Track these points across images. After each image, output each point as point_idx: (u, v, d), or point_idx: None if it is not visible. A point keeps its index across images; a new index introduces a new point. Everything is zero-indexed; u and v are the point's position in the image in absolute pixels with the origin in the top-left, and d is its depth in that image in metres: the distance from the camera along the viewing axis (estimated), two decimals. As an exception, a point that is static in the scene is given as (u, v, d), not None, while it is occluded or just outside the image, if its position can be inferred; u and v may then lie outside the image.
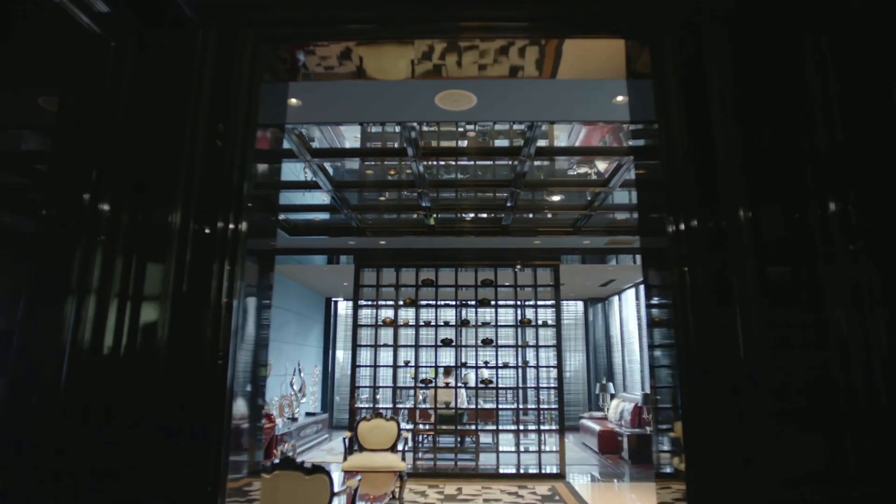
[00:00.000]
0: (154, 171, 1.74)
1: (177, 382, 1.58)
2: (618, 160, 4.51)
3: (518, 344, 7.00)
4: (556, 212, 5.92)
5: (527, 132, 3.75)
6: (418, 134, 3.96)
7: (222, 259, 1.72)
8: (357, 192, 5.37)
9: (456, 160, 4.62)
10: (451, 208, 5.85)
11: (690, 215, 1.66)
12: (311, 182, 4.91)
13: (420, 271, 7.17)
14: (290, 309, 9.49)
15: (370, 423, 5.73)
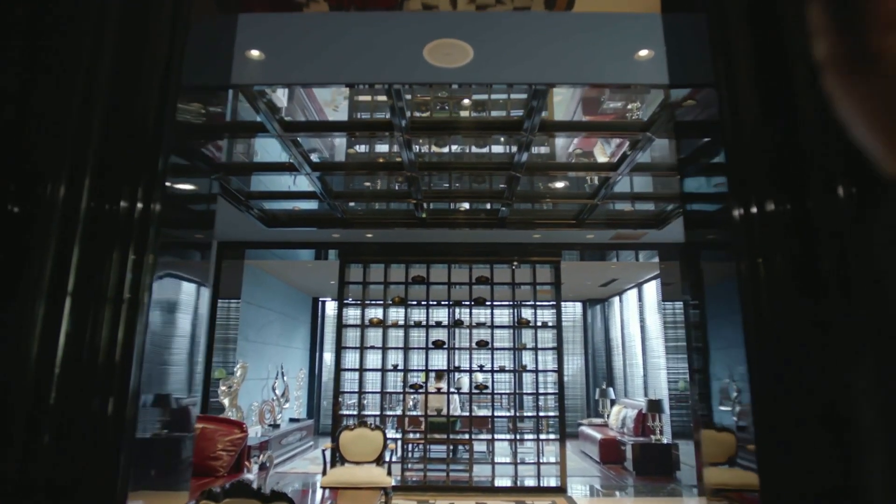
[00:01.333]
0: (36, 130, 1.32)
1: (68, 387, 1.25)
2: (626, 140, 4.02)
3: (515, 346, 6.49)
4: (558, 201, 5.43)
5: (530, 101, 3.25)
6: (406, 104, 3.45)
7: (125, 246, 1.36)
8: (341, 175, 4.85)
9: (449, 138, 4.11)
10: (444, 196, 5.35)
11: (764, 197, 1.26)
12: (287, 164, 4.39)
13: (410, 267, 6.65)
14: (272, 308, 8.95)
15: (353, 432, 5.20)
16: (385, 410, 6.61)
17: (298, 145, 3.81)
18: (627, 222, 5.88)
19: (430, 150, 4.31)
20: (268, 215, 5.86)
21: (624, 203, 5.72)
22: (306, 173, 4.40)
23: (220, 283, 6.53)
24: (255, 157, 4.81)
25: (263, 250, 6.84)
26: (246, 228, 6.10)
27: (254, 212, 5.40)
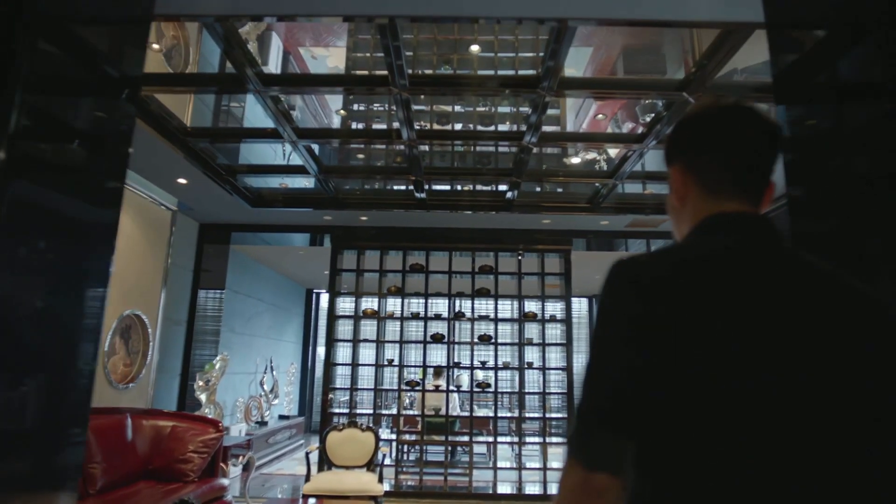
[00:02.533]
0: None
1: None
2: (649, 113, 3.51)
3: (520, 342, 5.98)
4: (571, 180, 4.91)
5: (550, 45, 2.73)
6: (406, 61, 2.94)
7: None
8: (332, 147, 4.34)
9: (453, 98, 3.59)
10: (447, 173, 4.84)
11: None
12: (269, 130, 3.88)
13: (408, 255, 6.14)
14: (261, 299, 8.44)
15: (342, 433, 4.70)
16: (379, 409, 6.11)
17: (279, 102, 3.29)
18: (646, 207, 5.37)
19: (433, 111, 3.79)
20: (253, 193, 5.35)
21: (644, 184, 5.21)
22: (291, 141, 3.89)
23: (200, 268, 6.01)
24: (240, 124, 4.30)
25: (250, 234, 6.33)
26: (230, 209, 5.59)
27: (233, 186, 4.89)
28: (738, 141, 0.82)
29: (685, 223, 0.86)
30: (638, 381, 0.71)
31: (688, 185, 0.85)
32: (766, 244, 0.79)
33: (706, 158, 0.84)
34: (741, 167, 0.82)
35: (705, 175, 0.83)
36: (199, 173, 4.54)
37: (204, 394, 4.98)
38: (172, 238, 5.41)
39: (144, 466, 4.02)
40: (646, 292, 0.74)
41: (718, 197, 0.82)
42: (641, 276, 0.76)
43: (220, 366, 5.12)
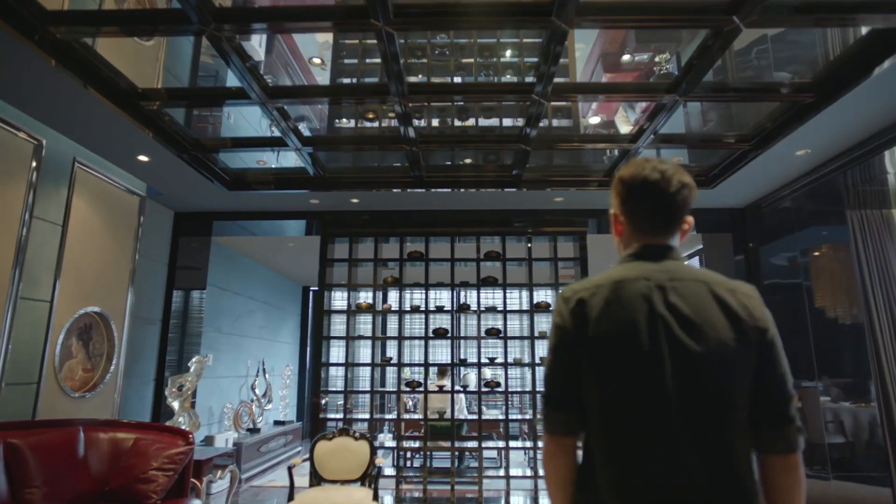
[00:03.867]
0: None
1: None
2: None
3: (533, 335, 5.38)
4: (587, 146, 4.30)
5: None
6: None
7: None
8: (308, 109, 3.75)
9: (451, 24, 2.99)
10: (446, 140, 4.24)
11: None
12: (234, 90, 3.30)
13: (406, 242, 5.54)
14: (253, 297, 7.87)
15: (332, 442, 4.11)
16: (376, 413, 5.52)
17: (232, 40, 2.70)
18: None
19: (429, 63, 3.20)
20: (229, 174, 4.76)
21: (658, 151, 4.59)
22: (260, 102, 3.30)
23: (176, 262, 5.43)
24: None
25: (233, 223, 5.75)
26: (207, 194, 5.01)
27: (202, 164, 4.30)
28: (651, 196, 1.19)
29: (621, 251, 1.29)
30: (566, 374, 1.15)
31: (623, 224, 1.27)
32: (664, 266, 1.17)
33: (632, 206, 1.23)
34: (654, 214, 1.21)
35: (632, 217, 1.24)
36: (161, 149, 3.96)
37: (177, 401, 4.40)
38: (142, 227, 4.83)
39: (99, 488, 3.44)
40: (571, 309, 1.17)
41: (640, 232, 1.23)
42: (569, 297, 1.19)
43: (195, 369, 4.54)
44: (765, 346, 1.10)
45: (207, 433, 6.17)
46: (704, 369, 1.05)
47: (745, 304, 1.11)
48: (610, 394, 1.09)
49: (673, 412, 1.04)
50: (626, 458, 1.07)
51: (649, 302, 1.10)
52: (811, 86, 3.22)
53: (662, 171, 1.18)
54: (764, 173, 4.46)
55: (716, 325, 1.07)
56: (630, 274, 1.16)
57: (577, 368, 1.13)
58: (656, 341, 1.07)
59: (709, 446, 1.03)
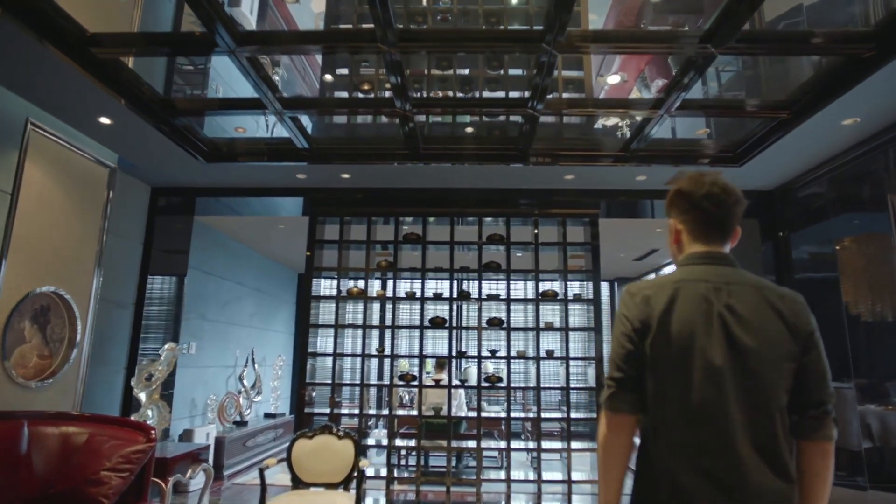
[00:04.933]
0: None
1: None
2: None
3: (538, 326, 4.93)
4: (602, 110, 3.82)
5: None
6: None
7: None
8: (280, 55, 3.31)
9: None
10: (443, 104, 3.78)
11: None
12: (197, 35, 2.85)
13: (401, 223, 5.10)
14: (243, 283, 7.45)
15: (312, 441, 3.69)
16: (372, 408, 5.09)
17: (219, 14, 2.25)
18: (696, 153, 4.28)
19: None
20: (208, 144, 4.33)
21: (696, 122, 4.13)
22: (228, 51, 2.85)
23: (153, 241, 5.01)
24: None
25: (214, 201, 5.31)
26: (186, 167, 4.58)
27: (174, 129, 3.86)
28: (711, 208, 1.34)
29: (678, 257, 1.43)
30: (633, 360, 1.29)
31: (681, 233, 1.42)
32: (721, 271, 1.31)
33: (691, 217, 1.38)
34: (712, 224, 1.36)
35: (691, 227, 1.39)
36: (125, 111, 3.52)
37: (144, 392, 3.98)
38: (111, 202, 4.41)
39: (43, 491, 3.03)
40: (637, 304, 1.32)
41: (698, 241, 1.38)
42: (635, 293, 1.34)
43: (167, 357, 4.13)
44: (810, 347, 1.25)
45: (189, 426, 5.78)
46: (758, 364, 1.20)
47: (793, 310, 1.26)
48: (672, 382, 1.25)
49: (727, 399, 1.19)
50: (682, 437, 1.22)
51: (709, 302, 1.26)
52: (873, 35, 2.74)
53: (722, 186, 1.35)
54: (800, 148, 3.97)
55: (768, 326, 1.23)
56: (690, 276, 1.32)
57: (642, 356, 1.29)
58: (716, 336, 1.23)
59: (755, 424, 1.19)
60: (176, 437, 5.44)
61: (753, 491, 1.17)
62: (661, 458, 1.24)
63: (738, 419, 1.19)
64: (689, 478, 1.19)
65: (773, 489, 1.18)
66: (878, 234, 4.06)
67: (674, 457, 1.22)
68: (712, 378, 1.21)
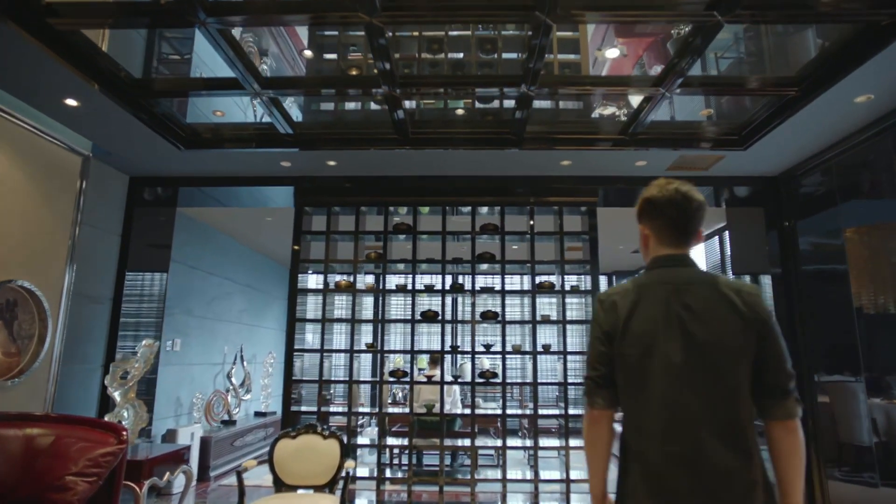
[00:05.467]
0: None
1: None
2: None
3: (535, 319, 4.73)
4: (600, 88, 3.61)
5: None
6: None
7: None
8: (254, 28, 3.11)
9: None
10: (432, 83, 3.57)
11: None
12: (163, 5, 2.63)
13: (391, 212, 4.89)
14: (231, 278, 7.24)
15: (295, 441, 3.49)
16: (357, 406, 4.90)
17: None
18: (698, 136, 4.08)
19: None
20: (186, 129, 4.11)
21: (698, 101, 3.93)
22: (200, 22, 2.64)
23: (131, 233, 4.79)
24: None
25: (196, 191, 5.09)
26: (164, 155, 4.37)
27: (148, 113, 3.64)
28: (674, 213, 1.46)
29: (646, 260, 1.54)
30: (604, 360, 1.45)
31: (648, 237, 1.53)
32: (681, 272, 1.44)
33: (657, 223, 1.49)
34: (675, 229, 1.47)
35: (657, 232, 1.50)
36: (93, 92, 3.30)
37: (119, 391, 3.77)
38: (84, 192, 4.20)
39: (1, 499, 2.83)
40: (606, 310, 1.47)
41: (663, 244, 1.49)
42: (604, 300, 1.49)
43: (143, 353, 3.92)
44: (765, 334, 1.35)
45: (175, 426, 5.58)
46: (714, 355, 1.34)
47: (747, 301, 1.37)
48: (637, 374, 1.39)
49: (687, 391, 1.33)
50: (648, 426, 1.36)
51: (668, 303, 1.39)
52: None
53: (683, 193, 1.45)
54: (809, 129, 3.77)
55: (723, 319, 1.36)
56: (652, 280, 1.45)
57: (612, 356, 1.44)
58: (674, 334, 1.36)
59: (715, 412, 1.31)
60: (159, 438, 5.23)
61: (717, 472, 1.28)
62: (633, 445, 1.39)
63: (697, 409, 1.31)
64: (658, 461, 1.32)
65: (735, 470, 1.28)
66: (883, 224, 3.89)
67: (643, 443, 1.35)
68: (672, 373, 1.34)
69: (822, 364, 4.28)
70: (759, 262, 4.90)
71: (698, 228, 1.49)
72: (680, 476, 1.29)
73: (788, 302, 4.57)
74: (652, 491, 1.32)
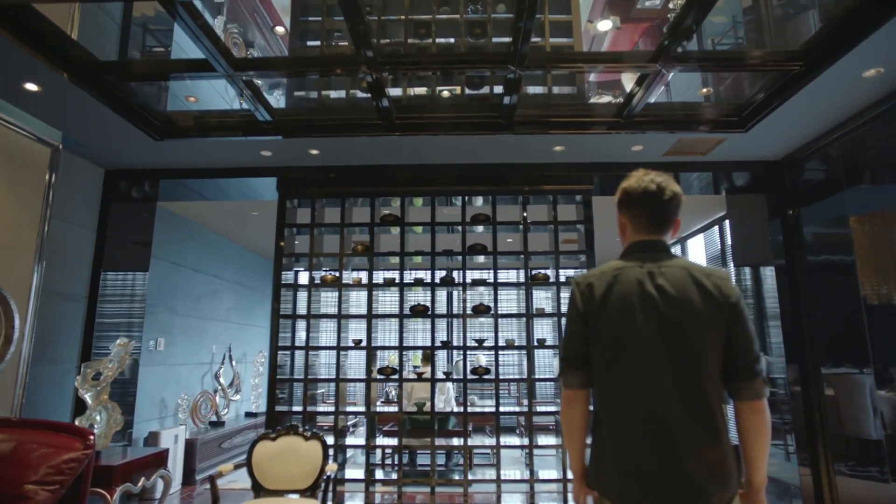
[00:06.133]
0: None
1: None
2: None
3: (529, 313, 4.54)
4: (595, 63, 3.41)
5: None
6: None
7: None
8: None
9: None
10: (414, 60, 3.38)
11: None
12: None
13: (378, 203, 4.70)
14: (219, 276, 7.04)
15: (276, 443, 3.30)
16: (344, 405, 4.72)
17: None
18: (697, 118, 3.89)
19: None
20: (159, 118, 3.91)
21: (694, 79, 3.74)
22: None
23: (107, 228, 4.60)
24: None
25: (176, 184, 4.89)
26: (139, 147, 4.17)
27: (115, 99, 3.44)
28: (649, 204, 1.53)
29: (623, 246, 1.60)
30: (579, 340, 1.50)
31: (626, 224, 1.60)
32: (656, 257, 1.50)
33: (633, 212, 1.57)
34: (650, 217, 1.54)
35: (633, 220, 1.58)
36: (54, 76, 3.10)
37: (91, 392, 3.58)
38: (55, 185, 4.00)
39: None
40: (582, 291, 1.52)
41: (639, 231, 1.56)
42: (581, 282, 1.54)
43: (117, 353, 3.73)
44: (734, 317, 1.40)
45: (160, 428, 5.39)
46: (684, 335, 1.38)
47: (717, 285, 1.43)
48: (611, 353, 1.44)
49: (659, 370, 1.37)
50: (621, 405, 1.41)
51: (642, 285, 1.45)
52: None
53: (658, 183, 1.53)
54: (813, 108, 3.58)
55: (693, 300, 1.40)
56: (628, 263, 1.52)
57: (587, 337, 1.50)
58: (647, 314, 1.41)
59: (685, 390, 1.35)
60: (141, 441, 5.04)
61: (686, 449, 1.32)
62: (607, 423, 1.43)
63: (669, 387, 1.35)
64: (630, 440, 1.37)
65: (704, 448, 1.33)
66: (888, 211, 3.72)
67: (616, 421, 1.40)
68: (644, 352, 1.38)
69: (828, 357, 4.10)
70: (761, 253, 4.71)
71: (673, 218, 1.55)
72: (651, 453, 1.34)
73: (793, 293, 4.38)
74: (622, 469, 1.37)
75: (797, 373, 4.31)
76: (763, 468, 1.42)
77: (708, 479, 1.32)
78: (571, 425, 1.52)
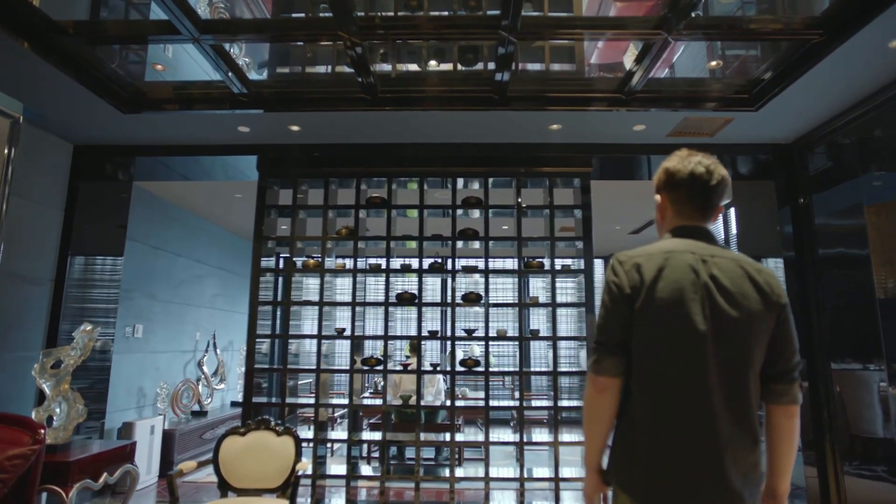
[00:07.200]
0: None
1: None
2: None
3: (522, 302, 4.29)
4: (594, 31, 3.13)
5: None
6: None
7: None
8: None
9: None
10: (397, 25, 3.11)
11: None
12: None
13: (363, 185, 4.43)
14: (202, 260, 6.79)
15: (245, 438, 3.07)
16: (327, 397, 4.48)
17: None
18: (704, 95, 3.61)
19: None
20: (126, 89, 3.63)
21: (700, 49, 3.47)
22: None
23: (75, 207, 4.33)
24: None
25: (150, 161, 4.62)
26: (109, 120, 3.89)
27: (69, 61, 3.16)
28: (696, 188, 1.42)
29: (664, 231, 1.51)
30: (620, 325, 1.35)
31: (666, 208, 1.49)
32: (705, 245, 1.39)
33: (677, 194, 1.45)
34: (695, 202, 1.44)
35: (676, 203, 1.46)
36: (6, 39, 2.82)
37: (49, 382, 3.34)
38: (14, 160, 3.73)
39: None
40: (627, 270, 1.37)
41: (682, 216, 1.46)
42: (625, 261, 1.40)
43: (80, 340, 3.48)
44: (782, 318, 1.34)
45: (137, 417, 5.17)
46: (736, 331, 1.29)
47: (769, 283, 1.35)
48: (658, 344, 1.32)
49: (707, 363, 1.27)
50: (663, 396, 1.30)
51: (695, 272, 1.34)
52: None
53: (706, 166, 1.43)
54: (832, 84, 3.31)
55: (748, 297, 1.32)
56: (678, 248, 1.39)
57: (629, 321, 1.36)
58: (701, 304, 1.31)
59: (730, 389, 1.28)
60: (115, 432, 4.82)
61: (728, 453, 1.25)
62: (641, 416, 1.33)
63: (715, 381, 1.28)
64: (667, 434, 1.28)
65: (743, 451, 1.27)
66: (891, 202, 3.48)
67: (654, 414, 1.31)
68: (695, 343, 1.29)
69: (838, 353, 3.87)
70: (768, 243, 4.45)
71: (719, 204, 1.46)
72: (690, 454, 1.27)
73: (802, 285, 4.14)
74: (655, 468, 1.29)
75: (805, 369, 4.07)
76: (789, 476, 1.36)
77: (744, 485, 1.26)
78: (600, 416, 1.39)
